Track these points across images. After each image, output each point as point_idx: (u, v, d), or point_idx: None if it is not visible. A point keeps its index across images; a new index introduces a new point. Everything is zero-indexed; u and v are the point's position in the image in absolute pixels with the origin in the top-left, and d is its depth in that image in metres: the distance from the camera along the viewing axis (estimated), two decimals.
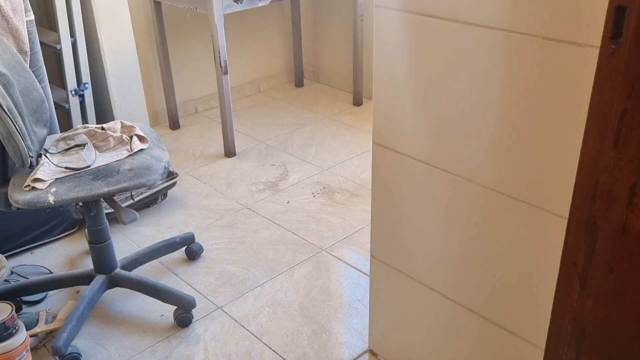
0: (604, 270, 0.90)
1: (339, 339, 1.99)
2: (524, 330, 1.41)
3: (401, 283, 1.68)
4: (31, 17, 2.29)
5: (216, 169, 3.10)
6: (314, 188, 2.89)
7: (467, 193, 1.40)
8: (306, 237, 2.52)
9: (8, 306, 1.77)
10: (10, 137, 1.69)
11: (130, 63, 3.03)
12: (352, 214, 2.67)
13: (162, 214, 2.72)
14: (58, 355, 1.85)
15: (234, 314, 2.11)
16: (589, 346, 0.97)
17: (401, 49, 1.40)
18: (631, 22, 0.77)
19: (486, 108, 1.28)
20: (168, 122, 3.57)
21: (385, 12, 1.39)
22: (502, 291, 1.42)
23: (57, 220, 2.51)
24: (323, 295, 2.19)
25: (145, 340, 2.02)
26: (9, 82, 1.71)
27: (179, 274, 2.33)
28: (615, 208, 0.86)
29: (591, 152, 0.86)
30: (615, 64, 0.80)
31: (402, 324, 1.75)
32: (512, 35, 1.18)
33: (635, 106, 0.79)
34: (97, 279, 2.07)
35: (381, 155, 1.57)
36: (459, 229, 1.46)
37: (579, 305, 0.95)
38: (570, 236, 0.93)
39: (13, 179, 1.85)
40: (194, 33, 3.59)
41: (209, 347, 1.97)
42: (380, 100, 1.51)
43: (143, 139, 2.00)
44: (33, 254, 2.46)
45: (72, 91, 2.88)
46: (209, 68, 3.73)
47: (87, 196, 1.78)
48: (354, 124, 3.53)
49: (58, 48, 2.78)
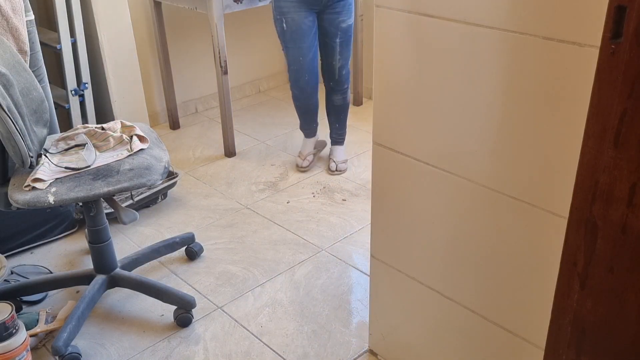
0: (604, 270, 0.90)
1: (339, 339, 1.99)
2: (524, 330, 1.41)
3: (401, 283, 1.68)
4: (31, 17, 2.29)
5: (216, 169, 3.10)
6: (314, 188, 2.89)
7: (467, 193, 1.40)
8: (306, 237, 2.52)
9: (8, 306, 1.77)
10: (10, 137, 1.69)
11: (130, 63, 3.04)
12: (352, 214, 2.67)
13: (162, 214, 2.72)
14: (58, 355, 1.85)
15: (234, 314, 2.11)
16: (589, 346, 0.97)
17: (401, 49, 1.40)
18: (631, 22, 0.77)
19: (486, 108, 1.28)
20: (168, 122, 3.57)
21: (385, 12, 1.39)
22: (502, 291, 1.42)
23: (57, 220, 2.51)
24: (323, 295, 2.19)
25: (145, 340, 2.02)
26: (9, 82, 1.71)
27: (179, 274, 2.33)
28: (615, 208, 0.86)
29: (591, 152, 0.86)
30: (615, 64, 0.80)
31: (402, 324, 1.75)
32: (512, 35, 1.18)
33: (635, 106, 0.79)
34: (97, 279, 2.07)
35: (381, 155, 1.57)
36: (459, 229, 1.46)
37: (579, 305, 0.95)
38: (570, 236, 0.93)
39: (13, 179, 1.85)
40: (194, 33, 3.59)
41: (209, 347, 1.97)
42: (380, 100, 1.51)
43: (143, 139, 2.00)
44: (33, 254, 2.46)
45: (72, 91, 2.88)
46: (209, 68, 3.73)
47: (87, 196, 1.78)
48: (354, 124, 3.53)
49: (58, 48, 2.78)
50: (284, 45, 2.80)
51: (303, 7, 2.69)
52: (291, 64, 2.82)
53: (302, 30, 2.72)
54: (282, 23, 2.72)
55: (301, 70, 2.81)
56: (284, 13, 2.70)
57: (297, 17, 2.70)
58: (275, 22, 2.79)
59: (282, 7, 2.69)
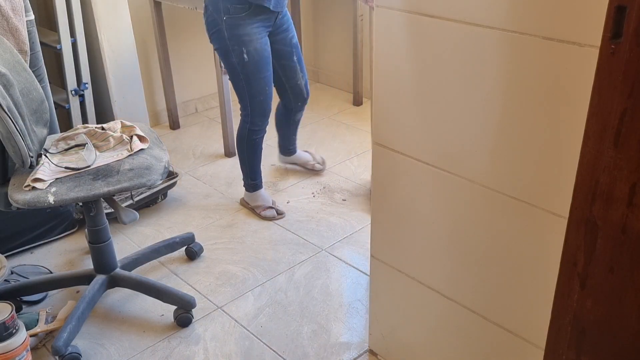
0: (604, 270, 0.90)
1: (339, 339, 1.99)
2: (524, 330, 1.41)
3: (401, 283, 1.68)
4: (31, 17, 2.29)
5: (216, 169, 3.10)
6: (314, 188, 2.89)
7: (467, 193, 1.40)
8: (306, 237, 2.52)
9: (8, 306, 1.77)
10: (10, 137, 1.69)
11: (130, 63, 3.03)
12: (352, 214, 2.67)
13: (162, 214, 2.71)
14: (58, 355, 1.84)
15: (234, 314, 2.11)
16: (589, 346, 0.97)
17: (401, 49, 1.40)
18: (631, 22, 0.77)
19: (486, 108, 1.28)
20: (168, 122, 3.57)
21: (385, 12, 1.39)
22: (502, 291, 1.42)
23: (57, 220, 2.51)
24: (323, 295, 2.19)
25: (145, 340, 2.01)
26: (9, 82, 1.71)
27: (179, 274, 2.33)
28: (615, 208, 0.86)
29: (591, 152, 0.86)
30: (615, 64, 0.80)
31: (402, 324, 1.75)
32: (512, 35, 1.18)
33: (635, 106, 0.79)
34: (97, 279, 2.07)
35: (381, 155, 1.57)
36: (459, 228, 1.46)
37: (579, 305, 0.95)
38: (570, 236, 0.93)
39: (13, 179, 1.85)
40: (194, 33, 3.59)
41: (209, 347, 1.97)
42: (380, 100, 1.51)
43: (143, 139, 2.00)
44: (33, 254, 2.46)
45: (72, 91, 2.88)
46: (209, 68, 3.72)
47: (87, 196, 1.78)
48: (354, 124, 3.53)
49: (58, 48, 2.78)
50: (244, 78, 2.40)
51: (263, 32, 2.36)
52: (256, 96, 2.44)
53: (264, 58, 2.38)
54: (243, 55, 2.33)
55: (268, 99, 2.48)
56: (244, 43, 2.31)
57: (259, 45, 2.35)
58: (226, 55, 2.36)
59: (242, 36, 2.30)
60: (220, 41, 2.35)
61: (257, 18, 2.31)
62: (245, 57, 2.34)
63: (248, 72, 2.38)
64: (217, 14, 2.29)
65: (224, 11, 2.27)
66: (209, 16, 2.35)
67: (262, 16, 2.33)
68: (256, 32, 2.33)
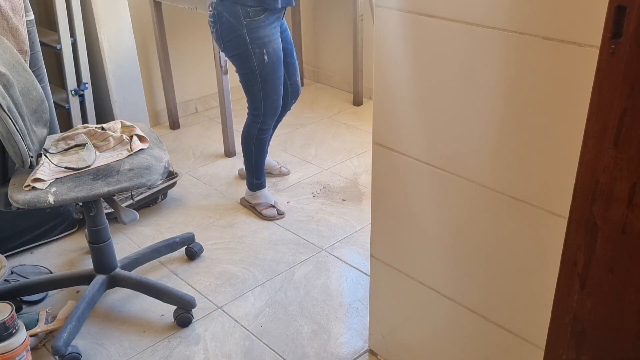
0: (604, 270, 0.90)
1: (339, 339, 1.99)
2: (524, 330, 1.41)
3: (401, 283, 1.68)
4: (31, 17, 2.29)
5: (216, 169, 3.10)
6: (314, 188, 2.89)
7: (467, 193, 1.40)
8: (306, 237, 2.52)
9: (8, 306, 1.77)
10: (10, 137, 1.69)
11: (130, 63, 3.03)
12: (352, 214, 2.67)
13: (162, 214, 2.72)
14: (58, 355, 1.84)
15: (234, 314, 2.11)
16: (589, 346, 0.97)
17: (401, 49, 1.40)
18: (631, 22, 0.77)
19: (486, 108, 1.28)
20: (168, 122, 3.57)
21: (385, 12, 1.39)
22: (502, 291, 1.42)
23: (57, 220, 2.51)
24: (323, 295, 2.19)
25: (145, 340, 2.01)
26: (9, 82, 1.71)
27: (179, 274, 2.33)
28: (615, 208, 0.86)
29: (591, 152, 0.86)
30: (615, 64, 0.80)
31: (402, 324, 1.75)
32: (512, 35, 1.18)
33: (635, 106, 0.79)
34: (97, 279, 2.07)
35: (381, 155, 1.57)
36: (459, 229, 1.46)
37: (579, 305, 0.95)
38: (570, 236, 0.93)
39: (13, 179, 1.85)
40: (194, 33, 3.59)
41: (209, 347, 1.97)
42: (380, 100, 1.51)
43: (143, 139, 2.00)
44: (33, 254, 2.46)
45: (72, 91, 2.88)
46: (209, 68, 3.73)
47: (87, 196, 1.78)
48: (354, 124, 3.53)
49: (58, 48, 2.78)
50: (261, 80, 2.38)
51: (278, 31, 2.38)
52: (271, 95, 2.43)
53: (280, 58, 2.39)
54: (263, 56, 2.32)
55: (280, 97, 2.49)
56: (265, 44, 2.30)
57: (276, 45, 2.36)
58: (247, 60, 2.33)
59: (263, 38, 2.29)
60: (240, 46, 2.31)
61: (272, 17, 2.33)
62: (265, 58, 2.33)
63: (266, 74, 2.37)
64: (236, 19, 2.26)
65: (244, 15, 2.24)
66: (223, 24, 2.29)
67: (276, 15, 2.34)
68: (274, 32, 2.34)
